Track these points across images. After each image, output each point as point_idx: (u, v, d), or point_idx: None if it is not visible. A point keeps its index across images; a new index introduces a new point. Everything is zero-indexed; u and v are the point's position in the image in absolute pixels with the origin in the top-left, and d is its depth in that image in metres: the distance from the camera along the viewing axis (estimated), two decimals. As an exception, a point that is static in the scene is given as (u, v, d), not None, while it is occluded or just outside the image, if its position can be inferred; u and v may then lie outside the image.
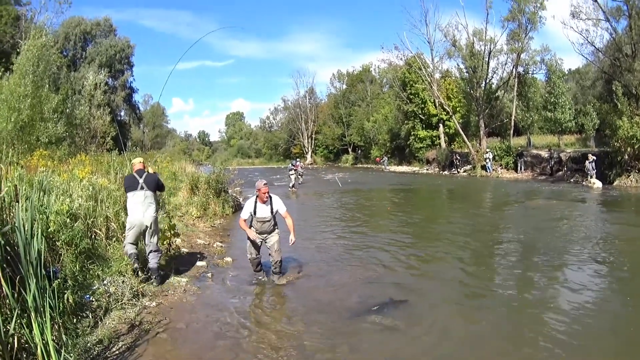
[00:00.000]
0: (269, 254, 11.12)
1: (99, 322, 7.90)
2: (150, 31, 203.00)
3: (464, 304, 9.67)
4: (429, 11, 65.71)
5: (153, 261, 10.35)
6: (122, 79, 74.85)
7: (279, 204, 11.03)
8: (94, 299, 8.48)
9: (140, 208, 10.17)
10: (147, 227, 10.24)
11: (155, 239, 10.44)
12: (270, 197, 10.93)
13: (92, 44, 71.93)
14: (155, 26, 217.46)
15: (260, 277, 11.26)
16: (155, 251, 10.41)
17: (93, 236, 11.00)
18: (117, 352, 7.13)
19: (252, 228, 11.00)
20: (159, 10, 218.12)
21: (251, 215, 10.91)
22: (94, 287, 8.90)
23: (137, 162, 11.05)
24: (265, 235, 11.04)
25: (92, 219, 11.26)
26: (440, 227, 19.67)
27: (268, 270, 11.53)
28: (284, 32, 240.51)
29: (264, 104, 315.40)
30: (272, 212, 10.92)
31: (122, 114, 77.57)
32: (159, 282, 10.37)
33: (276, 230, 11.20)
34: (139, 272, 10.13)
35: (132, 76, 77.54)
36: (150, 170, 11.23)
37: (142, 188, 10.26)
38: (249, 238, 10.99)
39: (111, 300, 8.69)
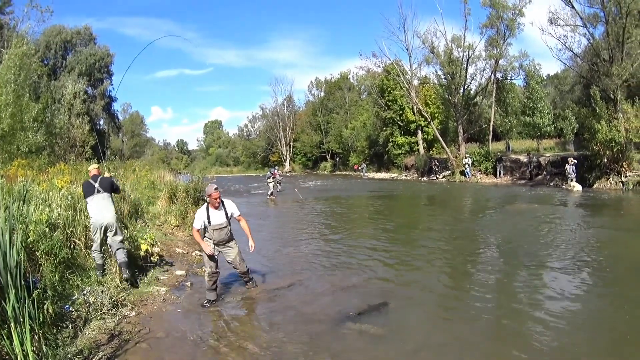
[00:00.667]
0: (234, 268, 10.90)
1: (79, 333, 7.81)
2: (130, 39, 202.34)
3: (446, 311, 9.62)
4: (407, 18, 65.61)
5: (121, 256, 10.52)
6: (102, 87, 74.45)
7: (232, 207, 10.58)
8: (73, 309, 8.38)
9: (99, 210, 10.55)
10: (108, 226, 10.59)
11: (118, 237, 10.70)
12: (222, 202, 10.45)
13: (72, 52, 71.62)
14: (135, 34, 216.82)
15: (210, 299, 10.17)
16: (121, 248, 10.62)
17: (72, 246, 10.90)
18: (97, 362, 6.97)
19: (207, 239, 10.41)
20: (139, 19, 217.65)
21: (205, 224, 10.32)
22: (74, 297, 8.81)
23: (92, 168, 11.42)
24: (222, 246, 10.55)
25: (71, 229, 11.17)
26: (420, 233, 19.56)
27: (232, 282, 11.59)
28: (263, 39, 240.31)
29: (243, 112, 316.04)
30: (227, 216, 10.45)
31: (102, 122, 77.14)
32: (129, 275, 10.51)
33: (234, 241, 10.73)
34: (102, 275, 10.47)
35: (112, 85, 77.10)
36: (106, 174, 11.72)
37: (98, 191, 10.60)
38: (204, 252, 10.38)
39: (91, 310, 8.61)
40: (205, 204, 10.43)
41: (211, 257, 10.29)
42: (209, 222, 10.25)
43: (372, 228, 21.12)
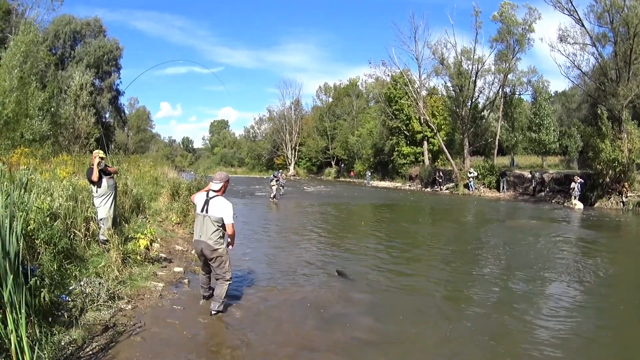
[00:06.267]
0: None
1: (74, 322, 7.79)
2: (140, 33, 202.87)
3: (442, 321, 9.60)
4: (419, 28, 64.77)
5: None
6: (109, 80, 74.12)
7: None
8: (70, 299, 8.41)
9: None
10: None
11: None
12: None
13: (81, 43, 71.23)
14: (147, 28, 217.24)
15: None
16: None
17: (72, 236, 11.01)
18: (90, 352, 7.13)
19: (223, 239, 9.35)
20: (152, 13, 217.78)
21: None
22: (71, 287, 8.86)
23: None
24: None
25: (71, 219, 11.33)
26: (420, 244, 19.64)
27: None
28: (275, 42, 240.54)
29: (250, 113, 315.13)
30: None
31: (107, 116, 76.94)
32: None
33: None
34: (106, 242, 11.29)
35: (119, 78, 76.73)
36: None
37: None
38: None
39: (87, 301, 8.66)
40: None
41: None
42: None
43: (372, 236, 20.98)
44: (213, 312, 9.19)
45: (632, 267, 15.66)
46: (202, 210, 9.14)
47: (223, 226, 9.12)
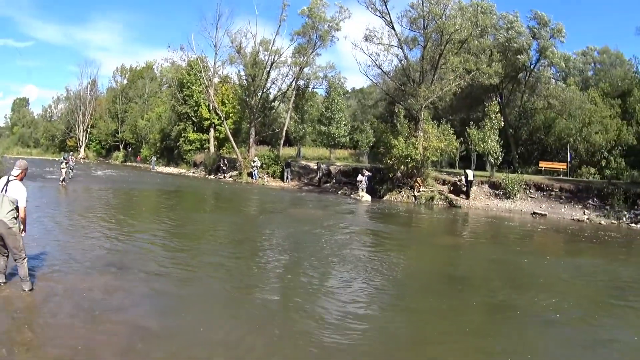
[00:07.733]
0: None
1: None
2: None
3: (227, 309, 9.83)
4: (223, 16, 63.62)
5: None
6: None
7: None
8: None
9: None
10: None
11: None
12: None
13: None
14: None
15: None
16: None
17: None
18: None
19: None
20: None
21: None
22: None
23: None
24: None
25: None
26: (200, 233, 19.46)
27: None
28: (85, 18, 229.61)
29: (52, 92, 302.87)
30: None
31: None
32: None
33: None
34: None
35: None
36: None
37: None
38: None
39: None
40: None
41: None
42: None
43: (154, 223, 20.37)
44: (27, 291, 9.62)
45: (413, 257, 16.26)
46: (1, 191, 9.55)
47: (17, 209, 9.57)
